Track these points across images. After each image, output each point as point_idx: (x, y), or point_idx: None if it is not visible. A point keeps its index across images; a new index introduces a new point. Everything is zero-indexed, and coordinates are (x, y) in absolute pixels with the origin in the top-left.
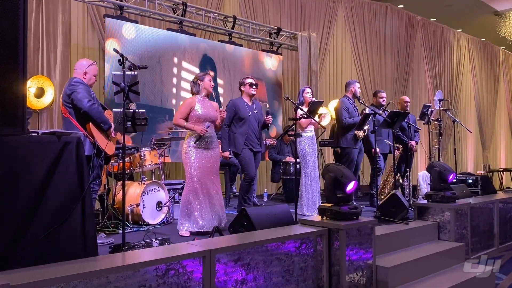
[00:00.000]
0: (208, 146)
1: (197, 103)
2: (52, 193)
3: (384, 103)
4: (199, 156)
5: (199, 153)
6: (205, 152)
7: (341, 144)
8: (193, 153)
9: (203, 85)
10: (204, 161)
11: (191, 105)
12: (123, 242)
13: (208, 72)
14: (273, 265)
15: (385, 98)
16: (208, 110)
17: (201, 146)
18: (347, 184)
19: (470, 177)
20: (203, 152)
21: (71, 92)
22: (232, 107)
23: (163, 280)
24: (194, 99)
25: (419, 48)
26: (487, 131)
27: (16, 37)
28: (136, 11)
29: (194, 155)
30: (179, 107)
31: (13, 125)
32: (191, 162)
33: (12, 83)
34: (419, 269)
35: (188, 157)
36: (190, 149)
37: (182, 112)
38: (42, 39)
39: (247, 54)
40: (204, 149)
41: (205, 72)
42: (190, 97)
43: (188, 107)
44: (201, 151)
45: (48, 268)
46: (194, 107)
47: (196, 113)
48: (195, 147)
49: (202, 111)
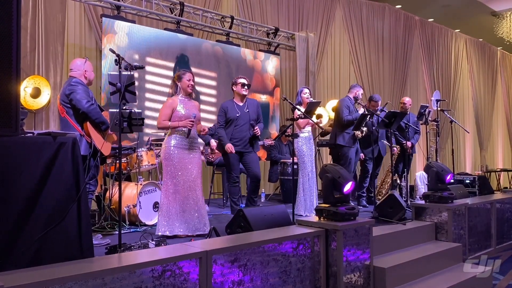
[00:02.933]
0: (190, 146)
1: (179, 104)
2: (48, 193)
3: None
4: (180, 157)
5: (180, 153)
6: (187, 153)
7: (339, 142)
8: (174, 154)
9: (181, 85)
10: (187, 162)
11: (172, 106)
12: (120, 243)
13: (188, 71)
14: (270, 266)
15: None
16: (191, 110)
17: (183, 146)
18: (344, 185)
19: (467, 178)
20: (185, 153)
21: (70, 92)
22: (222, 111)
23: (160, 282)
24: (175, 100)
25: (417, 49)
26: (485, 131)
27: (9, 38)
28: (133, 11)
29: (176, 154)
30: (161, 110)
31: (6, 125)
32: (172, 163)
33: (5, 84)
34: (416, 269)
35: (168, 157)
36: (171, 149)
37: (165, 114)
38: (39, 39)
39: (245, 54)
40: (186, 149)
41: (185, 71)
42: (170, 98)
43: (169, 108)
44: (183, 152)
45: (43, 270)
46: (176, 108)
47: (179, 114)
48: (176, 147)
49: (185, 111)
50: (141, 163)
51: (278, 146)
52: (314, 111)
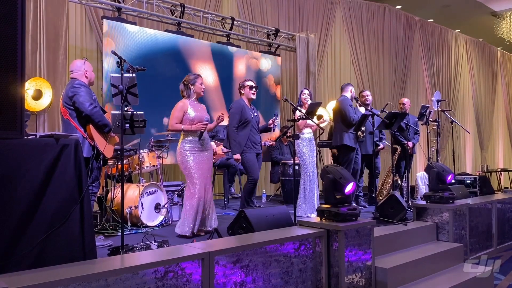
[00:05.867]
0: (203, 147)
1: (189, 107)
2: (50, 195)
3: (369, 102)
4: (197, 159)
5: (196, 155)
6: (202, 154)
7: (346, 143)
8: (190, 156)
9: (195, 89)
10: (203, 162)
11: (183, 109)
12: (122, 245)
13: (199, 75)
14: (272, 267)
15: (367, 97)
16: (200, 113)
17: (197, 148)
18: (346, 186)
19: (468, 178)
20: (200, 154)
21: (73, 94)
22: (239, 108)
23: (162, 283)
24: (186, 103)
25: (417, 49)
26: (485, 131)
27: (14, 40)
28: (134, 13)
29: (192, 158)
30: (172, 112)
31: (11, 128)
32: (190, 166)
33: (10, 86)
34: (418, 270)
35: (186, 160)
36: (186, 153)
37: (177, 117)
38: (40, 41)
39: (246, 55)
40: (200, 151)
41: (196, 75)
42: (181, 101)
43: (181, 111)
44: (198, 154)
45: (46, 271)
46: (186, 111)
47: (189, 116)
48: (191, 150)
49: (195, 114)
50: (142, 164)
51: (279, 147)
52: (315, 112)
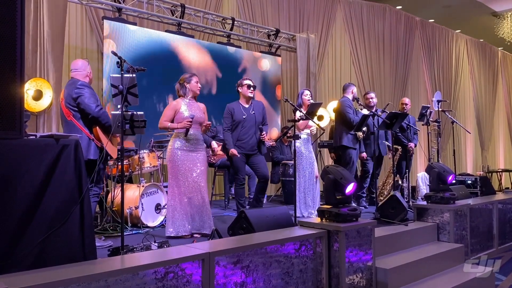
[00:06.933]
0: (193, 148)
1: (182, 105)
2: (50, 196)
3: (373, 104)
4: (184, 159)
5: (184, 155)
6: (190, 154)
7: (345, 143)
8: (178, 155)
9: (190, 87)
10: (188, 163)
11: (175, 107)
12: (122, 245)
13: (194, 74)
14: (272, 268)
15: (371, 99)
16: (195, 112)
17: (187, 148)
18: (346, 186)
19: (469, 178)
20: (188, 155)
21: (77, 95)
22: (228, 112)
23: (162, 283)
24: (179, 102)
25: (417, 49)
26: (486, 131)
27: (13, 40)
28: (135, 13)
29: (180, 157)
30: (164, 111)
31: (11, 128)
32: (176, 165)
33: (9, 86)
34: (418, 270)
35: (172, 159)
36: (174, 151)
37: (167, 116)
38: (40, 41)
39: (246, 55)
40: (190, 150)
41: (192, 74)
42: (175, 100)
43: (172, 110)
44: (186, 153)
45: (46, 272)
46: (179, 110)
47: (182, 115)
48: (180, 149)
49: (189, 112)
50: (143, 165)
51: (280, 147)
52: (316, 112)
